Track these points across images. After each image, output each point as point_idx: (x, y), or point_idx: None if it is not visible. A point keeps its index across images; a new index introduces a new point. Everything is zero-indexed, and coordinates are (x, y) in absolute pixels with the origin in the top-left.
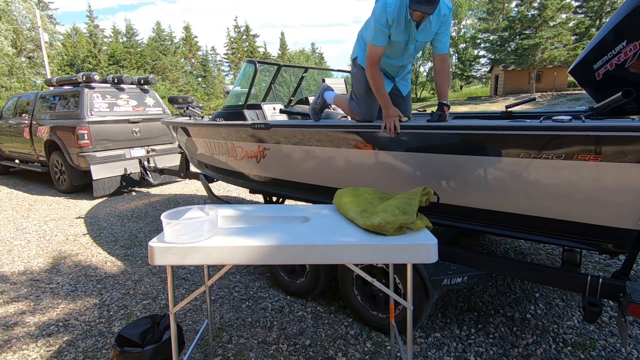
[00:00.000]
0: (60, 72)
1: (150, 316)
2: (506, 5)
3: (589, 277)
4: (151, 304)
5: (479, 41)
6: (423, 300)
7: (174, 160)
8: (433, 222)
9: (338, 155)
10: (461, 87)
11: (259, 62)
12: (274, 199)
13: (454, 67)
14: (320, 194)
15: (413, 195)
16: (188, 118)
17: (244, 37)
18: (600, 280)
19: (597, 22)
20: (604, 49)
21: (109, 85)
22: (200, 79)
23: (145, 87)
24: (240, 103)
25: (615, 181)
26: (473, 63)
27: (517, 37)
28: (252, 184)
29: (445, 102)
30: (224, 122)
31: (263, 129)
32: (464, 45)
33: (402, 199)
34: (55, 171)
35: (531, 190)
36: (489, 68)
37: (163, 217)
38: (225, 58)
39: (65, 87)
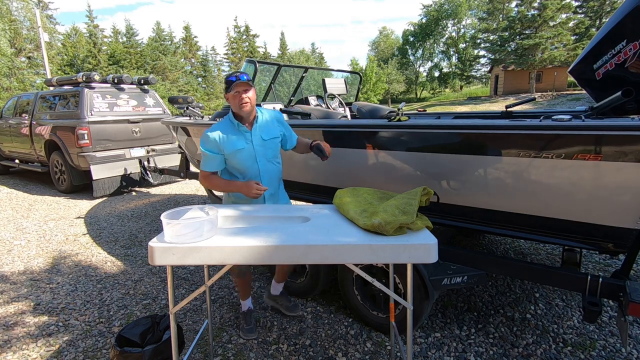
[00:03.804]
0: (60, 72)
1: (150, 316)
2: (506, 5)
3: (589, 277)
4: (151, 304)
5: (479, 41)
6: (423, 300)
7: (174, 160)
8: (433, 222)
9: (338, 155)
10: (461, 87)
11: (259, 62)
12: None
13: (454, 67)
14: (320, 194)
15: (413, 196)
16: (188, 118)
17: (244, 37)
18: (600, 280)
19: (597, 22)
20: (603, 49)
21: (109, 85)
22: (200, 79)
23: (145, 87)
24: None
25: (615, 180)
26: (473, 63)
27: (517, 37)
28: None
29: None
30: None
31: None
32: (464, 45)
33: (402, 199)
34: (55, 171)
35: (531, 189)
36: (489, 68)
37: (163, 217)
38: (225, 58)
39: (65, 87)
